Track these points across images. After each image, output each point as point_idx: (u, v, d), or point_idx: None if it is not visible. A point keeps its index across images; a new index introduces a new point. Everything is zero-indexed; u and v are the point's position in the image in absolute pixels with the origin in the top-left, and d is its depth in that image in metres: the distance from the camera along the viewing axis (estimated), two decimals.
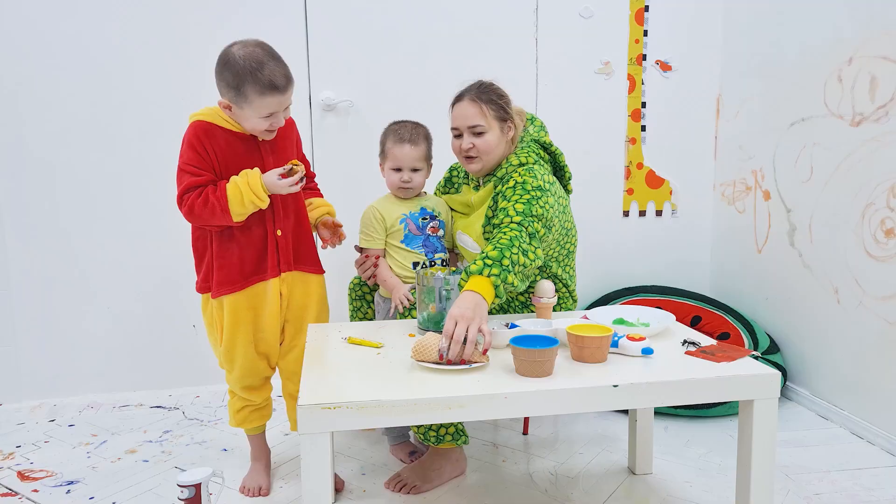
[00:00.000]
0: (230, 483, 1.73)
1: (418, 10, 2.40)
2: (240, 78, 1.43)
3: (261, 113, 1.47)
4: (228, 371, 1.68)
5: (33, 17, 2.17)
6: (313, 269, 1.72)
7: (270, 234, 1.61)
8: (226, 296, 1.59)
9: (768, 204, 2.42)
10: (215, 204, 1.48)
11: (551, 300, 1.61)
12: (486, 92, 1.71)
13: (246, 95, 1.44)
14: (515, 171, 1.66)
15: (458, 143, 1.73)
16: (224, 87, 1.47)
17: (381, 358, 1.39)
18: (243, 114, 1.49)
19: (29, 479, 1.79)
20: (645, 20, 2.58)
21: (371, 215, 1.83)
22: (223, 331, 1.63)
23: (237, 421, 1.73)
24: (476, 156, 1.70)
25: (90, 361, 2.34)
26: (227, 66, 1.45)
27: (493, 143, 1.69)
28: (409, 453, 1.86)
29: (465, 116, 1.69)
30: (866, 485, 1.73)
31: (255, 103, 1.45)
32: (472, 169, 1.74)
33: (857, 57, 1.99)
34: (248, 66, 1.43)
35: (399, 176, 1.80)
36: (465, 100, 1.71)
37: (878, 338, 1.94)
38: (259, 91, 1.43)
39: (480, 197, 1.78)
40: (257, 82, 1.43)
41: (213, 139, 1.52)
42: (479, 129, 1.68)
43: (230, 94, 1.47)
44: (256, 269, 1.60)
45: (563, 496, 1.68)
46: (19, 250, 2.25)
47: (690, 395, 1.27)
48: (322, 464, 1.17)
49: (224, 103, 1.50)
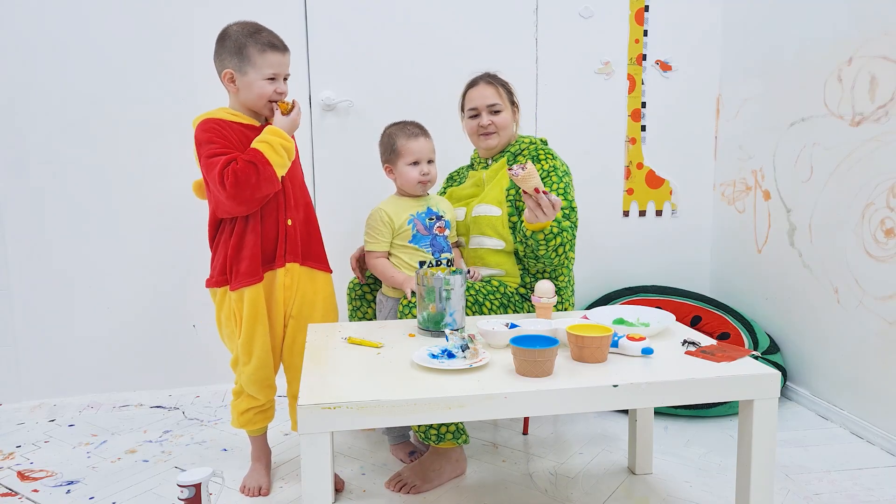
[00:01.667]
0: (230, 483, 1.73)
1: (418, 10, 2.40)
2: (240, 42, 1.54)
3: (264, 73, 1.55)
4: (244, 364, 1.66)
5: (33, 17, 2.17)
6: (321, 266, 1.74)
7: (282, 223, 1.64)
8: (246, 287, 1.60)
9: (768, 204, 2.42)
10: (255, 162, 1.49)
11: (551, 300, 1.61)
12: (497, 78, 1.93)
13: (249, 56, 1.54)
14: (539, 149, 1.88)
15: (475, 122, 1.91)
16: (226, 55, 1.56)
17: (381, 358, 1.39)
18: (247, 79, 1.55)
19: (29, 479, 1.79)
20: (645, 20, 2.58)
21: (378, 217, 1.82)
22: (242, 323, 1.63)
23: (241, 422, 1.72)
24: (494, 131, 1.89)
25: (90, 361, 2.34)
26: (228, 36, 1.56)
27: (508, 121, 1.90)
28: (409, 453, 1.87)
29: (484, 96, 1.89)
30: (866, 485, 1.73)
31: (258, 63, 1.54)
32: (489, 145, 1.90)
33: (857, 57, 1.99)
34: (247, 31, 1.56)
35: (419, 169, 1.81)
36: (481, 83, 1.91)
37: (878, 338, 1.94)
38: (260, 49, 1.54)
39: (492, 171, 1.92)
40: (258, 42, 1.54)
41: (223, 132, 1.55)
42: (496, 107, 1.88)
43: (233, 61, 1.55)
44: (270, 259, 1.64)
45: (563, 496, 1.68)
46: (19, 250, 2.25)
47: (690, 395, 1.27)
48: (322, 464, 1.17)
49: (228, 74, 1.56)
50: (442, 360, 1.33)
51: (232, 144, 1.55)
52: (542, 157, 1.87)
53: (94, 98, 2.23)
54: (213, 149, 1.52)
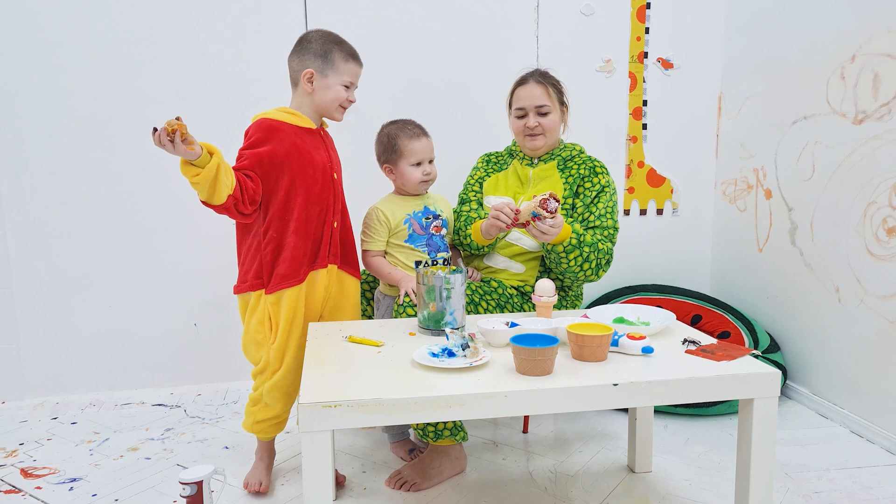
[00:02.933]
0: (232, 480, 1.74)
1: (418, 9, 2.40)
2: (327, 47, 1.62)
3: (343, 79, 1.64)
4: (274, 371, 1.64)
5: (33, 17, 2.17)
6: (353, 271, 1.76)
7: (328, 223, 1.66)
8: (286, 289, 1.60)
9: (769, 202, 2.41)
10: None
11: (551, 299, 1.61)
12: (548, 76, 1.89)
13: (333, 61, 1.62)
14: (598, 167, 1.87)
15: (522, 122, 1.88)
16: (311, 56, 1.62)
17: (381, 356, 1.39)
18: (327, 81, 1.62)
19: (32, 476, 1.80)
20: (646, 17, 2.57)
21: (375, 217, 1.83)
22: (278, 327, 1.62)
23: (255, 430, 1.71)
24: (541, 133, 1.86)
25: (92, 359, 2.35)
26: (312, 40, 1.64)
27: (556, 122, 1.87)
28: (409, 451, 1.87)
29: (533, 97, 1.85)
30: (866, 483, 1.73)
31: (341, 68, 1.63)
32: (535, 146, 1.88)
33: (860, 54, 1.98)
34: (333, 38, 1.65)
35: (421, 169, 1.81)
36: (530, 82, 1.86)
37: (879, 337, 1.94)
38: (345, 57, 1.63)
39: (541, 171, 1.90)
40: (343, 50, 1.64)
41: (277, 134, 1.59)
42: (545, 108, 1.85)
43: (317, 63, 1.62)
44: (314, 259, 1.65)
45: (563, 494, 1.68)
46: (20, 249, 2.25)
47: (690, 394, 1.27)
48: (323, 462, 1.17)
49: (308, 74, 1.62)
50: (442, 358, 1.33)
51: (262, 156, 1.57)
52: (598, 170, 1.86)
53: (94, 97, 2.24)
54: (244, 151, 1.58)
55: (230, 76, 2.31)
